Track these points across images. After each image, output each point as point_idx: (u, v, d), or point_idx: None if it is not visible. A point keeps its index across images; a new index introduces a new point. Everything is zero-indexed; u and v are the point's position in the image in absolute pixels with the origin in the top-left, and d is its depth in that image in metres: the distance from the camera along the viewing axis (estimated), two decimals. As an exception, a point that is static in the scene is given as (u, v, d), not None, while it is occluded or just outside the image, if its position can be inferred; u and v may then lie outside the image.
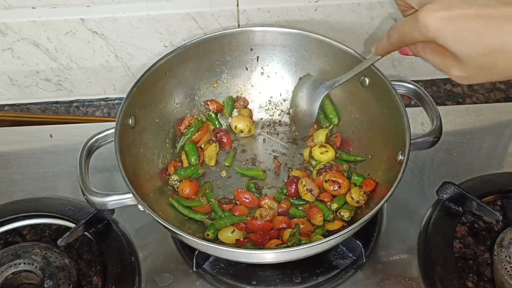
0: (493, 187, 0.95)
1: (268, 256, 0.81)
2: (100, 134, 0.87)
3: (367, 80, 0.93)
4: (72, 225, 0.91)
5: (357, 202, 0.89)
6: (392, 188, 0.78)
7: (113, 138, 0.85)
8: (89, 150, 0.87)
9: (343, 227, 0.87)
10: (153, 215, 0.78)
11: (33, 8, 0.98)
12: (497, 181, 0.96)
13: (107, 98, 1.15)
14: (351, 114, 0.98)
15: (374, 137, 0.94)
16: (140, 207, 0.80)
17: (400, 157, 0.84)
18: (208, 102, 1.01)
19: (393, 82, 0.89)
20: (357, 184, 0.91)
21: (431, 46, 0.61)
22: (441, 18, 0.56)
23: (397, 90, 0.89)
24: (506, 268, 0.83)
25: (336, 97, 1.00)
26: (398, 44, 0.65)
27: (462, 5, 0.55)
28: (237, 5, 1.00)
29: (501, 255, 0.84)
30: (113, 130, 0.86)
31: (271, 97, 1.04)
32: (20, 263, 0.84)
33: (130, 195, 0.80)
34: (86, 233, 0.91)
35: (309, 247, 0.76)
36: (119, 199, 0.81)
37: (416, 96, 0.92)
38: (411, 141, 0.83)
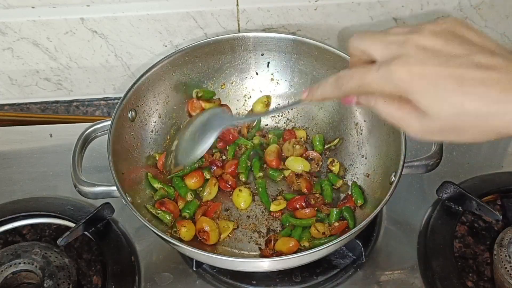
0: (493, 186, 0.95)
1: (264, 264, 0.81)
2: (97, 125, 0.88)
3: None
4: (72, 224, 0.91)
5: (323, 233, 0.88)
6: (376, 210, 0.78)
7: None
8: (86, 140, 0.87)
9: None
10: (133, 211, 0.79)
11: (32, 7, 0.98)
12: (497, 180, 0.96)
13: (107, 97, 1.15)
14: (356, 129, 0.98)
15: (375, 155, 0.93)
16: (123, 200, 0.80)
17: (393, 178, 0.83)
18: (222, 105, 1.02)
19: None
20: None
21: (385, 98, 0.58)
22: (416, 73, 0.54)
23: None
24: (506, 268, 0.83)
25: (341, 111, 0.99)
26: (351, 93, 0.61)
27: (435, 62, 0.53)
28: (237, 4, 1.00)
29: (501, 255, 0.84)
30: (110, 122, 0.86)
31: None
32: (20, 263, 0.84)
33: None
34: (86, 232, 0.91)
35: (303, 256, 0.76)
36: (107, 190, 0.83)
37: None
38: (408, 164, 0.83)
